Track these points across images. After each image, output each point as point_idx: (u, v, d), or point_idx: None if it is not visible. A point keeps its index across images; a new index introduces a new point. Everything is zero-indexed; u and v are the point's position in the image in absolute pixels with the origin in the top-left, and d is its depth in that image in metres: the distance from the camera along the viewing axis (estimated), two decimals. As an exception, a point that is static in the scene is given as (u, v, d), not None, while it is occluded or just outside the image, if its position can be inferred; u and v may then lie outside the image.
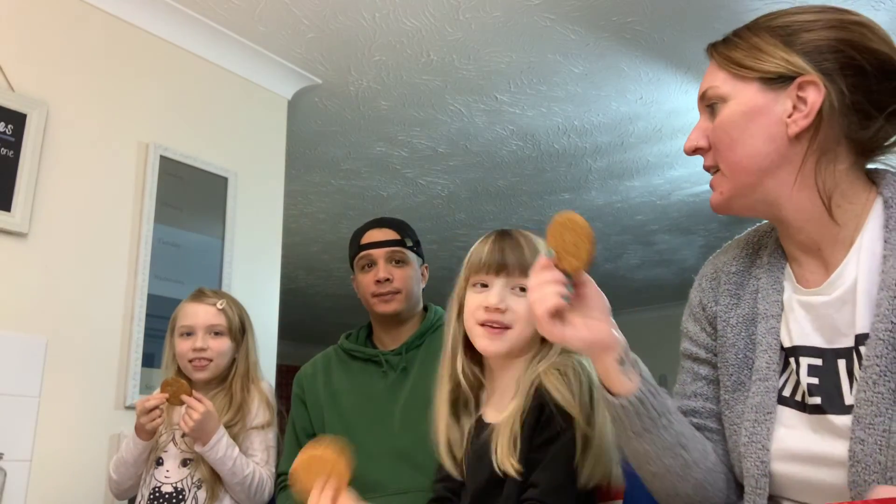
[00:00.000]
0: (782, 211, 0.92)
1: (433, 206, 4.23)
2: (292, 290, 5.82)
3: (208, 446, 1.62)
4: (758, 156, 0.90)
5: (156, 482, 1.68)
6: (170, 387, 1.67)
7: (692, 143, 0.97)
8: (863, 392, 0.81)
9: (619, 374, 0.93)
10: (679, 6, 2.45)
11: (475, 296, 1.21)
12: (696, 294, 1.06)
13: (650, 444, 0.93)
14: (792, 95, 0.88)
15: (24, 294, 1.92)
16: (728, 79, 0.94)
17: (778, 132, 0.89)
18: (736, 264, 1.02)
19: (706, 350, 1.02)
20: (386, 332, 1.82)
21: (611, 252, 5.23)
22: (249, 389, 1.79)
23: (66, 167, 2.07)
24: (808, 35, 0.89)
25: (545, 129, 3.34)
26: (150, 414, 1.64)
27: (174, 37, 2.41)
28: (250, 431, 1.74)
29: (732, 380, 0.97)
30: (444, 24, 2.53)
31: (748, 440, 0.91)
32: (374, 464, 1.62)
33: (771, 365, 0.92)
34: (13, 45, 2.02)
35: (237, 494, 1.67)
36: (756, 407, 0.92)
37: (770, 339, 0.93)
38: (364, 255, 1.81)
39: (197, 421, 1.60)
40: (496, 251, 1.21)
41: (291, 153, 3.08)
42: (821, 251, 0.91)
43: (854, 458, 0.80)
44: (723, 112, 0.93)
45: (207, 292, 1.85)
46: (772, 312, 0.94)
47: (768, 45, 0.91)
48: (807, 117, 0.87)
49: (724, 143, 0.92)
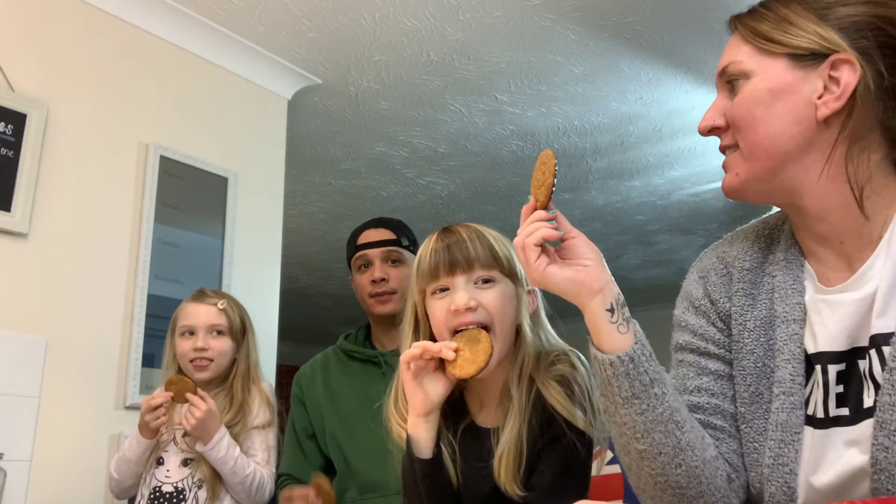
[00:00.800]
0: (804, 200, 0.84)
1: (433, 206, 4.23)
2: (292, 290, 5.81)
3: (209, 445, 1.63)
4: (782, 137, 0.82)
5: (156, 482, 1.69)
6: (174, 385, 1.67)
7: (708, 122, 0.89)
8: (887, 395, 0.74)
9: (610, 328, 0.84)
10: (679, 6, 2.45)
11: (439, 303, 1.12)
12: (699, 286, 0.96)
13: (639, 415, 0.83)
14: (823, 75, 0.80)
15: (24, 294, 1.92)
16: (753, 53, 0.85)
17: (806, 114, 0.81)
18: (749, 260, 0.93)
19: (716, 345, 0.92)
20: (384, 332, 1.82)
21: (611, 252, 5.23)
22: (250, 389, 1.79)
23: (66, 167, 2.07)
24: (845, 9, 0.81)
25: (545, 129, 3.34)
26: (154, 412, 1.64)
27: (174, 37, 2.41)
28: (251, 431, 1.74)
29: (750, 391, 0.88)
30: (444, 24, 2.53)
31: (773, 462, 0.83)
32: (374, 464, 1.62)
33: (796, 377, 0.83)
34: (13, 45, 2.02)
35: (238, 494, 1.68)
36: (782, 425, 0.83)
37: (793, 346, 0.84)
38: (360, 256, 1.81)
39: (199, 419, 1.61)
40: (443, 251, 1.12)
41: (291, 153, 3.08)
42: (843, 245, 0.83)
43: (877, 465, 0.74)
44: (745, 88, 0.85)
45: (209, 292, 1.85)
46: (793, 316, 0.85)
47: (800, 18, 0.83)
48: (839, 99, 0.79)
49: (746, 121, 0.84)
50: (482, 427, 1.16)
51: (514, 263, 1.15)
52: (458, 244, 1.12)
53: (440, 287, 1.12)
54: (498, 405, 1.14)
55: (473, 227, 1.16)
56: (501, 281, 1.13)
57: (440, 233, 1.16)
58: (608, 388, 0.85)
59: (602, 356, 0.85)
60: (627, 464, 0.88)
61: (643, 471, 0.86)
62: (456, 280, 1.11)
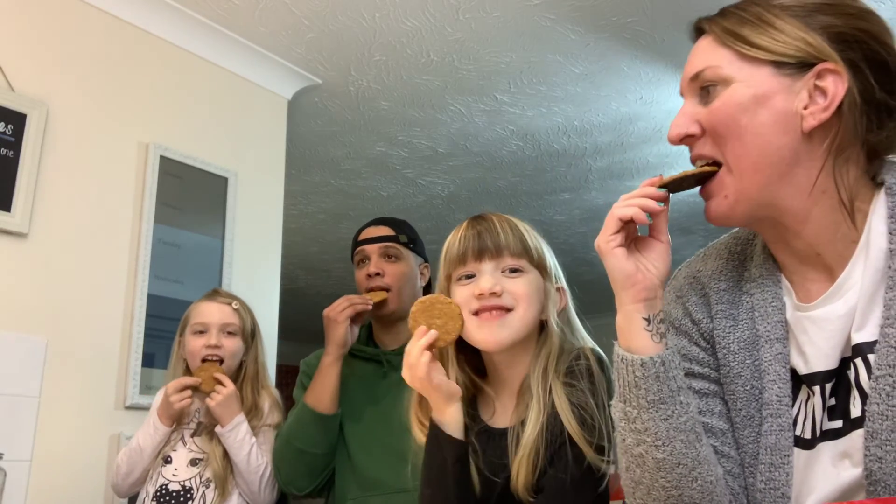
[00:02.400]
0: (785, 216, 0.80)
1: (433, 206, 4.23)
2: (292, 290, 5.81)
3: (228, 426, 1.64)
4: (770, 148, 0.77)
5: (163, 479, 1.68)
6: (203, 372, 1.69)
7: (680, 130, 0.84)
8: (875, 405, 0.72)
9: (643, 332, 0.81)
10: (679, 6, 2.45)
11: (463, 288, 1.10)
12: (677, 306, 0.93)
13: (663, 420, 0.79)
14: (808, 84, 0.76)
15: (24, 294, 1.92)
16: (734, 59, 0.80)
17: (792, 124, 0.77)
18: (725, 280, 0.90)
19: (701, 365, 0.90)
20: (385, 330, 1.82)
21: (611, 252, 5.23)
22: (259, 393, 1.80)
23: (66, 167, 2.07)
24: (828, 19, 0.77)
25: (545, 129, 3.34)
26: (181, 392, 1.65)
27: (174, 37, 2.41)
28: (263, 429, 1.75)
29: (742, 415, 0.86)
30: (444, 24, 2.53)
31: (765, 486, 0.81)
32: (375, 463, 1.62)
33: (783, 398, 0.81)
34: (13, 45, 2.02)
35: (249, 485, 1.66)
36: (771, 448, 0.82)
37: (778, 366, 0.82)
38: (359, 251, 1.83)
39: (225, 396, 1.64)
40: (474, 237, 1.11)
41: (291, 153, 3.08)
42: (820, 256, 0.81)
43: (871, 477, 0.72)
44: (725, 94, 0.80)
45: (222, 292, 1.88)
46: (776, 335, 0.83)
47: (785, 24, 0.78)
48: (826, 110, 0.75)
49: (731, 130, 0.79)
50: (496, 428, 1.13)
51: (545, 257, 1.14)
52: (488, 231, 1.11)
53: (466, 273, 1.11)
54: (517, 403, 1.11)
55: (505, 217, 1.15)
56: (530, 272, 1.11)
57: (471, 220, 1.15)
58: (633, 392, 0.81)
59: (631, 357, 0.81)
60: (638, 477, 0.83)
61: (657, 482, 0.81)
62: (483, 266, 1.10)
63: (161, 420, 1.68)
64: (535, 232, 1.16)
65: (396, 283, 1.76)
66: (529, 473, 1.03)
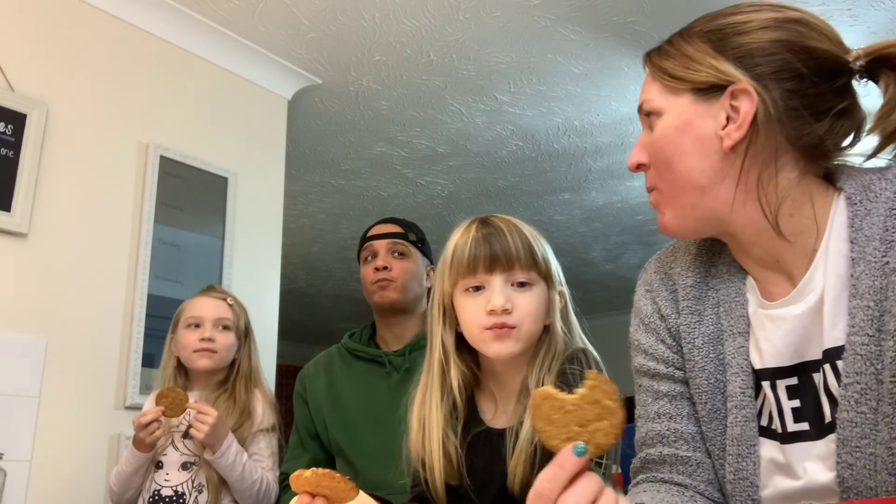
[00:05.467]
0: (731, 227, 0.85)
1: (433, 206, 4.23)
2: (292, 290, 5.81)
3: (219, 453, 1.61)
4: (693, 172, 0.83)
5: (155, 485, 1.68)
6: (165, 398, 1.64)
7: (634, 159, 0.90)
8: (845, 412, 0.74)
9: None
10: (679, 6, 2.45)
11: (472, 301, 1.10)
12: (647, 301, 0.96)
13: None
14: (725, 106, 0.81)
15: (24, 294, 1.92)
16: (662, 91, 0.87)
17: (713, 146, 0.82)
18: (692, 276, 0.92)
19: (666, 364, 0.92)
20: (388, 329, 1.82)
21: (611, 252, 5.23)
22: (252, 392, 1.79)
23: (66, 167, 2.07)
24: (740, 38, 0.82)
25: (545, 129, 3.34)
26: (147, 428, 1.61)
27: (174, 37, 2.41)
28: (257, 434, 1.74)
29: (707, 408, 0.87)
30: (444, 24, 2.53)
31: (734, 476, 0.83)
32: (376, 464, 1.62)
33: (746, 390, 0.84)
34: (13, 45, 2.02)
35: (245, 500, 1.66)
36: (737, 439, 0.84)
37: (740, 359, 0.85)
38: (367, 247, 1.84)
39: (212, 426, 1.59)
40: (483, 243, 1.09)
41: (291, 153, 3.08)
42: (780, 263, 0.84)
43: (843, 483, 0.74)
44: (658, 126, 0.86)
45: (217, 289, 1.89)
46: (738, 329, 0.86)
47: (698, 53, 0.84)
48: (740, 128, 0.80)
49: (661, 161, 0.86)
50: (495, 429, 1.14)
51: (552, 266, 1.14)
52: (497, 237, 1.10)
53: (475, 285, 1.10)
54: (516, 404, 1.12)
55: (512, 222, 1.13)
56: (538, 284, 1.11)
57: (478, 223, 1.13)
58: None
59: None
60: None
61: None
62: (494, 279, 1.09)
63: (138, 448, 1.65)
64: (539, 236, 1.16)
65: (402, 277, 1.77)
66: (527, 472, 1.03)
